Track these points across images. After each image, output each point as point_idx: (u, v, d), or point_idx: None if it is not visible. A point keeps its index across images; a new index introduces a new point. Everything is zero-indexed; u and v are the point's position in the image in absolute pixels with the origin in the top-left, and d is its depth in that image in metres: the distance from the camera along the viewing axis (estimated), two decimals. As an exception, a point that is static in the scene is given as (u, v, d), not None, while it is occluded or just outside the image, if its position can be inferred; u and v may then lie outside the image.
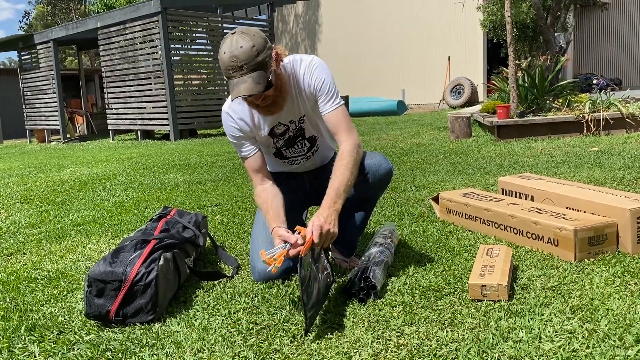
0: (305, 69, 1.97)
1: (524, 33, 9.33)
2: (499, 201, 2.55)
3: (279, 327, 1.65)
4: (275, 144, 2.12)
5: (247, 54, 1.73)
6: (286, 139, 2.11)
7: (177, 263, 1.95)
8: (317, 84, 1.96)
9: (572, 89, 6.99)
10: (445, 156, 5.14)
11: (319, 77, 1.96)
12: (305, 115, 2.06)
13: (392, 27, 15.08)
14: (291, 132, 2.10)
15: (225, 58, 1.74)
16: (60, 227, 3.25)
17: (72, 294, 2.05)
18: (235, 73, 1.74)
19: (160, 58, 10.21)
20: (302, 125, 2.09)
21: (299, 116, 2.06)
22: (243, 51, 1.72)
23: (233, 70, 1.74)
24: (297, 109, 2.03)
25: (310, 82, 1.97)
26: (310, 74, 1.97)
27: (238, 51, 1.72)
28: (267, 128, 2.06)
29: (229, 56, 1.73)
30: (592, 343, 1.42)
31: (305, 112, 2.06)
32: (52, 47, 12.62)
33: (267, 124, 2.05)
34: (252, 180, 2.09)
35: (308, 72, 1.97)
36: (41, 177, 5.76)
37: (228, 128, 2.06)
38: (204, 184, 4.57)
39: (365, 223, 2.21)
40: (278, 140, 2.11)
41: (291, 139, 2.12)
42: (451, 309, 1.70)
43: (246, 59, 1.72)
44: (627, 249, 2.10)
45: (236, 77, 1.74)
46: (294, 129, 2.09)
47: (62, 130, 12.90)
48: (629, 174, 3.55)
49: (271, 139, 2.10)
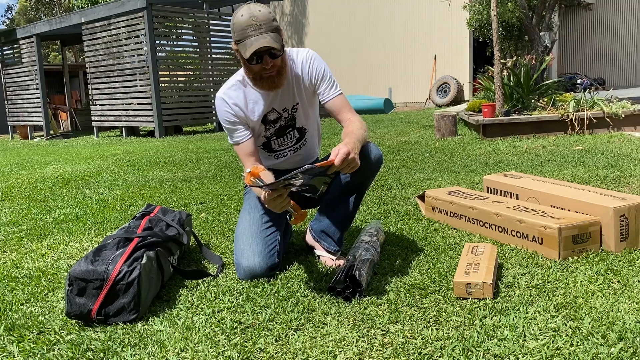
0: (304, 58, 2.08)
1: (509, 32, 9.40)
2: (484, 199, 2.56)
3: (264, 326, 1.64)
4: (266, 132, 2.17)
5: (266, 16, 1.85)
6: (277, 128, 2.17)
7: (160, 261, 1.92)
8: (318, 73, 2.08)
9: (556, 88, 7.05)
10: (431, 154, 5.16)
11: (319, 67, 2.09)
12: (299, 103, 2.13)
13: (379, 25, 15.10)
14: (282, 121, 2.16)
15: (244, 19, 1.84)
16: (42, 224, 3.20)
17: (53, 293, 2.02)
18: (254, 32, 1.84)
19: (145, 54, 10.12)
20: (294, 115, 2.15)
21: (292, 104, 2.13)
22: (262, 14, 1.85)
23: (252, 29, 1.84)
24: (292, 96, 2.11)
25: (311, 71, 2.08)
26: (310, 63, 2.08)
27: (258, 13, 1.85)
28: (260, 113, 2.10)
29: (248, 17, 1.84)
30: (575, 341, 1.43)
31: (299, 101, 2.13)
32: (35, 42, 12.45)
33: (261, 110, 2.10)
34: (244, 163, 2.14)
35: (307, 61, 2.08)
36: (23, 174, 5.68)
37: (222, 113, 2.11)
38: (189, 181, 4.53)
39: (354, 213, 2.19)
40: (269, 128, 2.16)
41: (282, 129, 2.17)
42: (436, 307, 1.70)
43: (265, 20, 1.85)
44: (610, 247, 2.12)
45: (255, 35, 1.84)
46: (286, 117, 2.15)
47: (45, 126, 12.73)
48: (612, 172, 3.59)
49: (263, 126, 2.15)
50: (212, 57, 11.12)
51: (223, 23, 11.24)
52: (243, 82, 2.10)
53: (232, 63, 11.50)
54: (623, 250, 2.11)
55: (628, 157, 4.18)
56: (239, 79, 2.10)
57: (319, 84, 2.10)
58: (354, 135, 1.88)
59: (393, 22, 14.80)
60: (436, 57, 13.96)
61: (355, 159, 1.72)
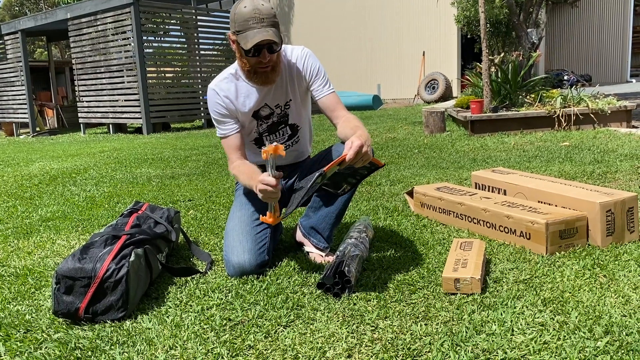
0: (299, 55, 2.10)
1: (497, 29, 9.44)
2: (472, 195, 2.57)
3: (253, 322, 1.64)
4: (258, 128, 2.17)
5: (268, 11, 1.88)
6: (269, 124, 2.17)
7: (148, 259, 1.91)
8: (312, 70, 2.11)
9: (544, 85, 7.10)
10: (419, 151, 5.18)
11: (314, 64, 2.12)
12: (292, 100, 2.14)
13: (367, 21, 15.10)
14: (275, 117, 2.16)
15: (247, 10, 1.86)
16: (28, 222, 3.17)
17: (40, 291, 2.00)
18: (256, 24, 1.86)
19: (132, 50, 10.04)
20: (287, 111, 2.16)
21: (285, 100, 2.14)
22: (265, 8, 1.88)
23: (255, 21, 1.86)
24: (285, 92, 2.12)
25: (306, 67, 2.10)
26: (305, 60, 2.10)
27: (261, 6, 1.87)
28: (251, 107, 2.11)
29: (251, 8, 1.86)
30: (562, 335, 1.44)
31: (292, 97, 2.14)
32: (20, 38, 12.30)
33: (253, 103, 2.11)
34: (230, 156, 2.14)
35: (302, 58, 2.10)
36: (9, 171, 5.61)
37: (213, 105, 2.12)
38: (177, 178, 4.51)
39: (344, 210, 2.18)
40: (261, 124, 2.17)
41: (274, 125, 2.18)
42: (425, 303, 1.70)
43: (268, 14, 1.88)
44: (597, 242, 2.14)
45: (257, 27, 1.86)
46: (278, 113, 2.16)
47: (31, 123, 12.60)
48: (599, 168, 3.62)
49: (255, 122, 2.16)
50: (200, 53, 11.06)
51: (211, 19, 11.18)
52: (236, 75, 2.10)
53: (220, 59, 11.45)
54: (609, 245, 2.13)
55: (614, 152, 4.22)
56: (231, 72, 2.11)
57: (313, 80, 2.12)
58: (363, 129, 1.89)
59: (382, 18, 14.81)
60: (424, 53, 13.99)
61: (368, 151, 1.71)
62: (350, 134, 1.84)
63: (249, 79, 2.05)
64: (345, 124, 2.00)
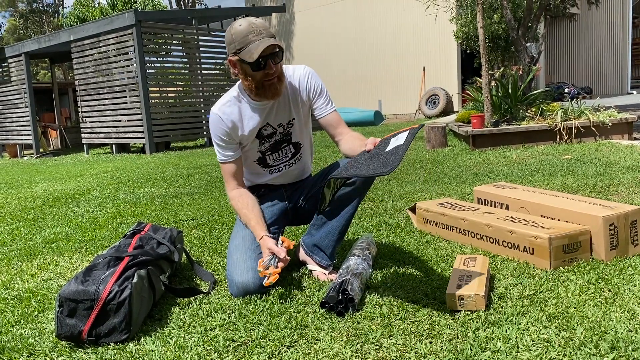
0: (302, 74, 2.14)
1: (496, 43, 9.50)
2: (475, 210, 2.57)
3: (257, 343, 1.63)
4: (261, 147, 2.19)
5: (264, 25, 1.95)
6: (272, 143, 2.19)
7: (151, 280, 1.91)
8: (316, 88, 2.15)
9: (544, 98, 7.12)
10: (421, 166, 5.18)
11: (317, 83, 2.16)
12: (295, 119, 2.17)
13: (368, 38, 15.22)
14: (278, 136, 2.18)
15: (243, 27, 1.92)
16: (32, 244, 3.17)
17: (43, 314, 2.00)
18: (256, 37, 1.91)
19: (135, 71, 10.12)
20: (289, 130, 2.19)
21: (288, 120, 2.16)
22: (260, 22, 1.95)
23: (254, 34, 1.91)
24: (288, 112, 2.15)
25: (309, 86, 2.14)
26: (307, 79, 2.14)
27: (256, 21, 1.94)
28: (255, 127, 2.13)
29: (247, 24, 1.92)
30: (568, 351, 1.43)
31: (295, 116, 2.16)
32: (24, 61, 12.43)
33: (256, 124, 2.13)
34: (227, 183, 2.19)
35: (305, 76, 2.14)
36: (12, 193, 5.63)
37: (216, 129, 2.13)
38: (180, 197, 4.52)
39: (347, 227, 2.16)
40: (264, 143, 2.18)
41: (277, 144, 2.20)
42: (429, 320, 1.69)
43: (264, 27, 1.94)
44: (601, 256, 2.13)
45: (258, 39, 1.91)
46: (281, 132, 2.18)
47: (34, 144, 12.67)
48: (601, 181, 3.62)
49: (257, 141, 2.17)
50: (202, 72, 11.15)
51: (212, 39, 11.29)
52: (238, 97, 2.11)
53: (222, 78, 11.53)
54: (613, 259, 2.12)
55: (616, 165, 4.22)
56: (234, 94, 2.12)
57: (317, 99, 2.16)
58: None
59: (382, 34, 14.92)
60: (425, 69, 14.07)
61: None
62: (358, 144, 2.00)
63: (258, 95, 2.04)
64: (351, 140, 2.09)
